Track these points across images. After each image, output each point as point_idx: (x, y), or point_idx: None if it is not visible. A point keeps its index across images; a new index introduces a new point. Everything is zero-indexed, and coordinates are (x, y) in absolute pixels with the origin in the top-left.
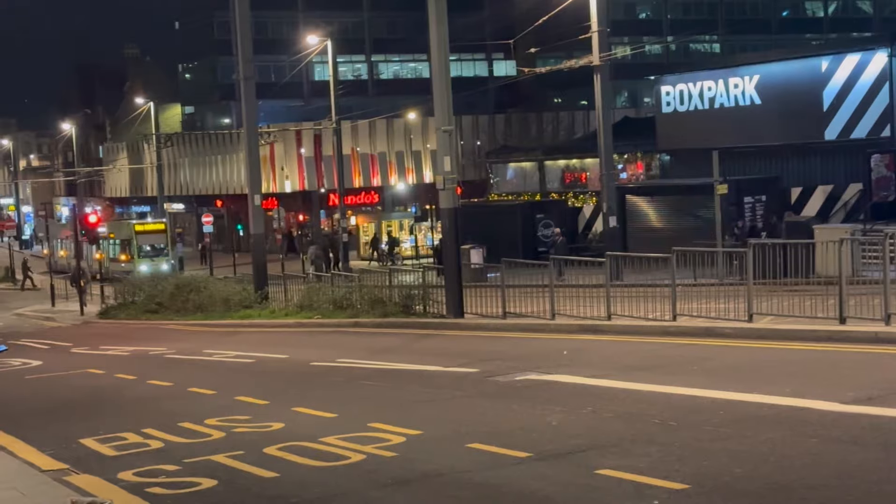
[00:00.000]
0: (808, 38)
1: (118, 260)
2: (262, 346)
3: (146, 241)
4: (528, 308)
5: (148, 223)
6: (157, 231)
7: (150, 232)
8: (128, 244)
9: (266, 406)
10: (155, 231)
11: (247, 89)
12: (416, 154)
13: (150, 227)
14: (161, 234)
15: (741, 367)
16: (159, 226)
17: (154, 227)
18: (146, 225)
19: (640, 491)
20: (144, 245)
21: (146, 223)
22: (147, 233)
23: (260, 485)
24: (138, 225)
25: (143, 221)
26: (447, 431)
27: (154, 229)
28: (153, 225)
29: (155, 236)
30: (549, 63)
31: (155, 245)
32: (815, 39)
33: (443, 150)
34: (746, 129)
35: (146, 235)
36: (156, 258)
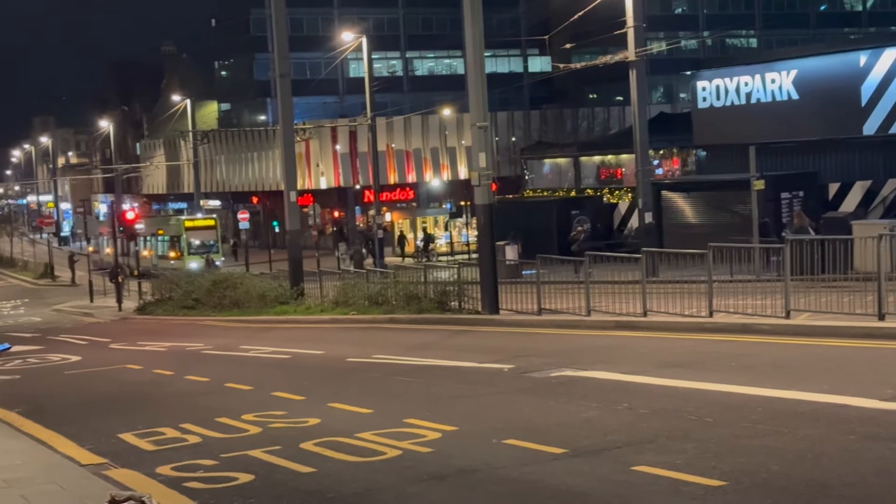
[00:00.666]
0: (846, 32)
1: (167, 257)
2: (298, 341)
3: (196, 238)
4: (563, 304)
5: (198, 219)
6: (208, 227)
7: (200, 228)
8: (177, 241)
9: (302, 402)
10: (205, 227)
11: (282, 86)
12: (450, 150)
13: (200, 223)
14: (211, 230)
15: (778, 364)
16: (209, 222)
17: (204, 223)
18: (196, 221)
19: (676, 488)
20: (194, 241)
21: (196, 219)
22: (197, 229)
23: (296, 480)
24: (188, 221)
25: (192, 217)
26: (483, 427)
27: (204, 225)
28: (203, 221)
29: (205, 233)
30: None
31: (205, 241)
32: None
33: (478, 147)
34: (783, 124)
35: (196, 232)
36: (205, 255)
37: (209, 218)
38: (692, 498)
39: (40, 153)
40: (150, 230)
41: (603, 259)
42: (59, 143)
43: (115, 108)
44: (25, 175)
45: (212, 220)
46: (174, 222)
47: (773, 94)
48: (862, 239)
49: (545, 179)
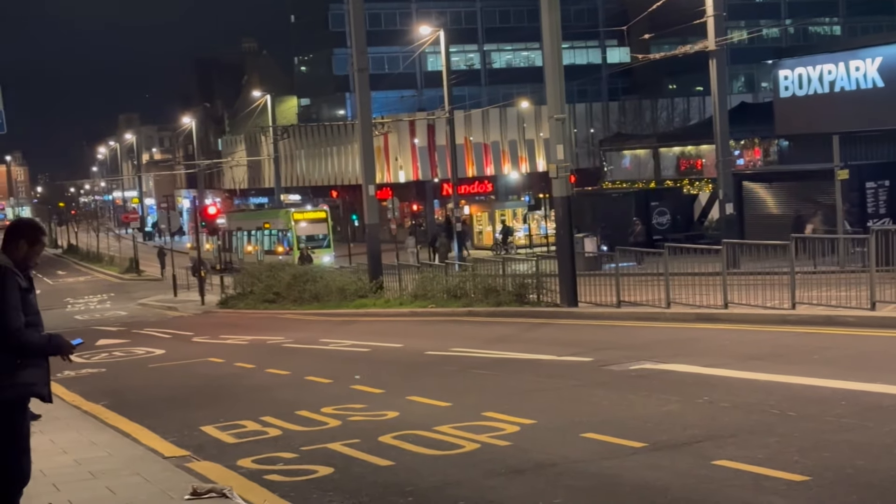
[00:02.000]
0: None
1: (274, 252)
2: (376, 335)
3: (305, 232)
4: (642, 296)
5: (307, 211)
6: (318, 220)
7: (310, 221)
8: (284, 235)
9: (381, 395)
10: (315, 220)
11: (361, 80)
12: (528, 143)
13: (310, 215)
14: (322, 223)
15: (863, 357)
16: (320, 214)
17: (314, 215)
18: (306, 213)
19: (758, 482)
20: (303, 235)
21: (305, 211)
22: (307, 222)
23: (375, 473)
24: (297, 213)
25: (301, 209)
26: (561, 421)
27: (315, 218)
28: (313, 213)
29: (315, 225)
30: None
31: (315, 235)
32: None
33: (555, 139)
34: (868, 112)
35: (306, 225)
36: (317, 250)
37: (320, 210)
38: (774, 493)
39: (125, 150)
40: (254, 224)
41: (683, 251)
42: (143, 140)
43: (198, 104)
44: (111, 171)
45: (323, 213)
46: (283, 214)
47: (858, 82)
48: None
49: (624, 171)
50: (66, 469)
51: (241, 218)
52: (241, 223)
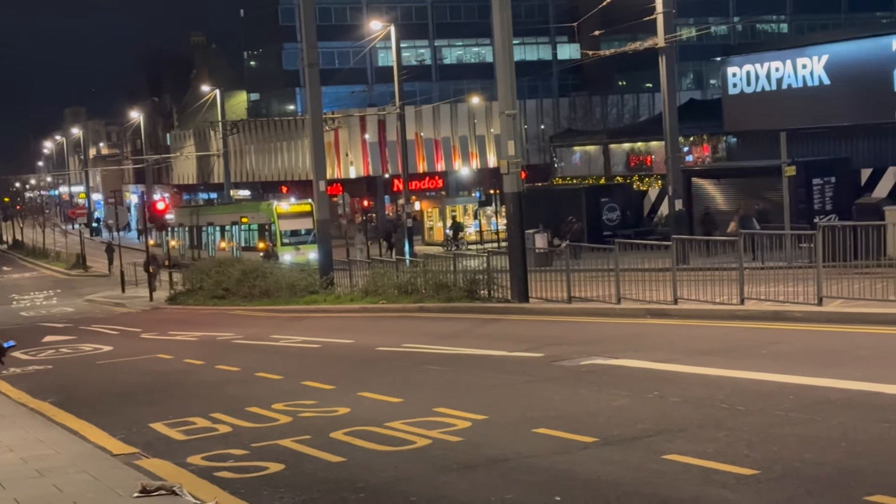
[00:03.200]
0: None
1: (255, 248)
2: (327, 331)
3: (289, 226)
4: (593, 292)
5: (292, 204)
6: (303, 213)
7: (294, 215)
8: (267, 230)
9: (332, 391)
10: (300, 213)
11: (311, 76)
12: (479, 139)
13: (295, 208)
14: (307, 216)
15: (811, 351)
16: (305, 207)
17: (299, 208)
18: (291, 206)
19: (708, 476)
20: (287, 230)
21: (290, 204)
22: (291, 216)
23: (326, 469)
24: (280, 207)
25: (285, 203)
26: (513, 416)
27: (299, 211)
28: (298, 206)
29: (300, 220)
30: (614, 45)
31: (300, 230)
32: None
33: (506, 135)
34: (815, 109)
35: (290, 219)
36: (301, 246)
37: (304, 202)
38: (723, 486)
39: (71, 144)
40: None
41: (633, 247)
42: (90, 134)
43: (146, 98)
44: (57, 166)
45: (308, 206)
46: (264, 207)
47: (805, 80)
48: (895, 225)
49: (574, 167)
50: (11, 467)
51: (213, 212)
52: (213, 217)
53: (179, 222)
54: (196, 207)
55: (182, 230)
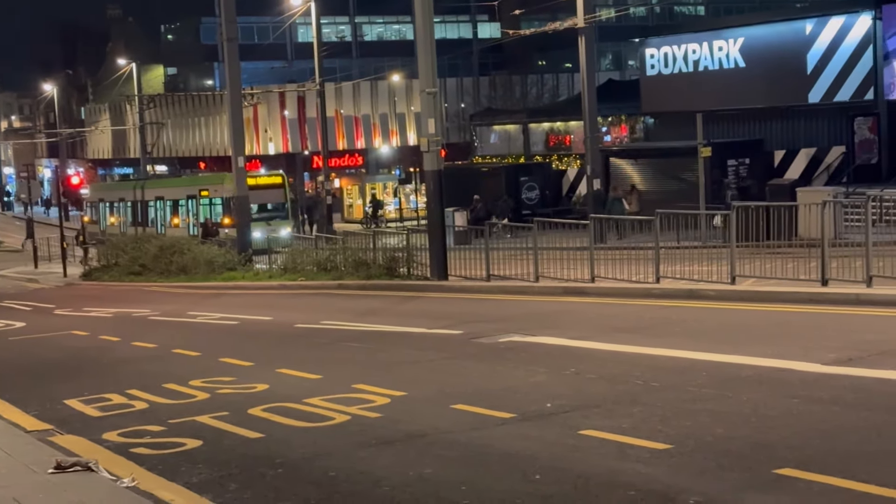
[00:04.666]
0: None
1: (220, 224)
2: (246, 308)
3: (259, 199)
4: (511, 270)
5: (261, 175)
6: (274, 186)
7: (263, 187)
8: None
9: (250, 367)
10: (270, 186)
11: (230, 50)
12: (400, 116)
13: (264, 180)
14: (278, 189)
15: (723, 329)
16: (275, 179)
17: (269, 180)
18: (258, 178)
19: (622, 451)
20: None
21: (258, 175)
22: (260, 188)
23: (245, 445)
24: (249, 178)
25: (254, 174)
26: (431, 392)
27: (269, 183)
28: (268, 178)
29: (270, 192)
30: (534, 25)
31: (270, 205)
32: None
33: (427, 113)
34: (731, 92)
35: (259, 192)
36: (272, 221)
37: (275, 174)
38: (637, 461)
39: None
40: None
41: (552, 225)
42: (2, 107)
43: (59, 71)
44: None
45: (279, 177)
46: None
47: (721, 62)
48: (806, 206)
49: (494, 146)
50: None
51: (163, 185)
52: (164, 191)
53: (100, 197)
54: (142, 180)
55: (123, 205)
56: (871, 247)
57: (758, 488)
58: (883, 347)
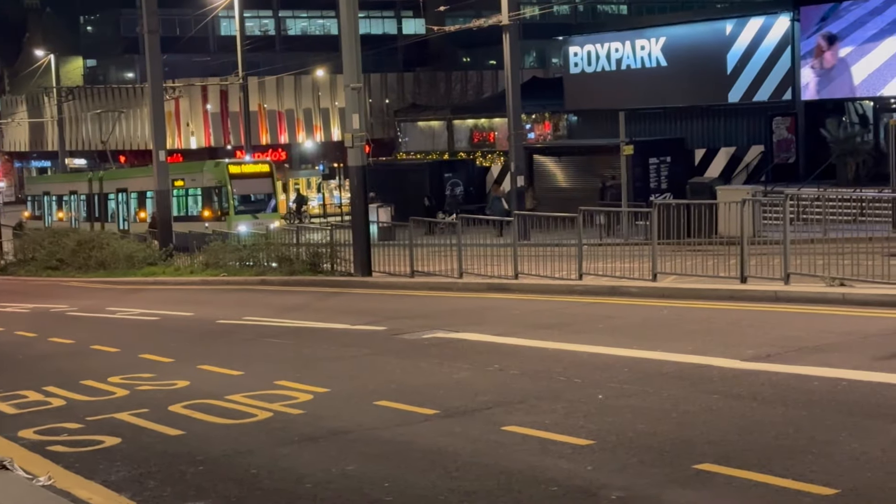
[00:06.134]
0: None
1: (201, 217)
2: (166, 303)
3: (244, 190)
4: (435, 267)
5: (247, 164)
6: (260, 175)
7: (249, 176)
8: (217, 194)
9: (171, 364)
10: (257, 174)
11: (151, 43)
12: (324, 111)
13: (250, 168)
14: (265, 178)
15: (645, 326)
16: (263, 167)
17: (255, 168)
18: (243, 166)
19: (545, 447)
20: (240, 195)
21: (243, 163)
22: (246, 177)
23: (165, 442)
24: (233, 165)
25: (239, 161)
26: (354, 389)
27: (256, 172)
28: (254, 166)
29: (257, 182)
30: (459, 22)
31: (257, 196)
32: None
33: (351, 108)
34: (653, 90)
35: (243, 181)
36: (260, 214)
37: (262, 162)
38: (560, 457)
39: None
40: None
41: (475, 222)
42: None
43: None
44: None
45: (266, 166)
46: (211, 168)
47: (643, 61)
48: (726, 204)
49: (418, 142)
50: None
51: (127, 176)
52: (127, 183)
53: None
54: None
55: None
56: (789, 245)
57: (678, 483)
58: (800, 344)
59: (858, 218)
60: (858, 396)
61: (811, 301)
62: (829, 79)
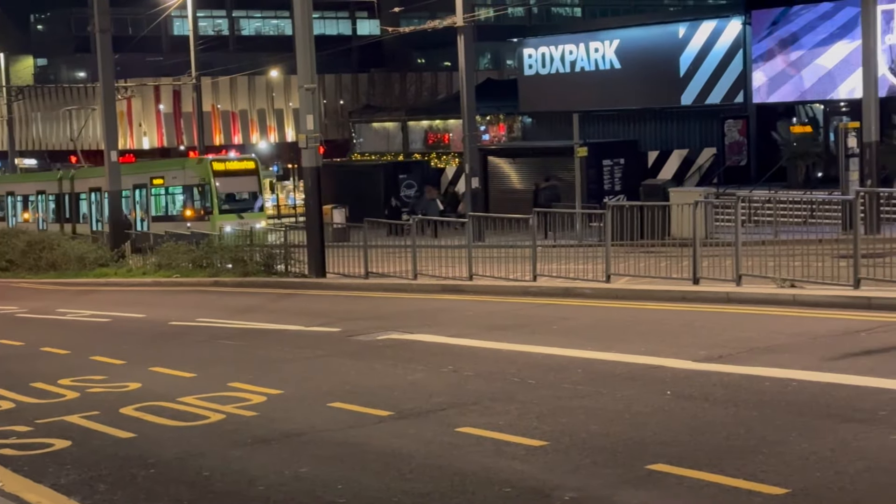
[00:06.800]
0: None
1: (182, 217)
2: (118, 305)
3: (230, 188)
4: (390, 268)
5: (231, 160)
6: (246, 172)
7: (234, 173)
8: (200, 192)
9: (122, 366)
10: (242, 172)
11: (103, 42)
12: (278, 112)
13: (234, 165)
14: (251, 176)
15: (598, 327)
16: (248, 164)
17: (241, 165)
18: (227, 163)
19: (499, 448)
20: (224, 193)
21: (227, 160)
22: (231, 174)
23: (115, 445)
24: (217, 162)
25: (223, 158)
26: (308, 391)
27: (241, 169)
28: (238, 163)
29: (242, 180)
30: (413, 23)
31: (242, 194)
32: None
33: (305, 109)
34: (606, 93)
35: (228, 179)
36: (246, 214)
37: (247, 158)
38: (514, 458)
39: None
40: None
41: (430, 223)
42: None
43: None
44: None
45: (251, 163)
46: (192, 165)
47: (597, 63)
48: (679, 206)
49: (373, 143)
50: None
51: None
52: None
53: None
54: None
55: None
56: (741, 246)
57: (631, 483)
58: (751, 345)
59: (809, 220)
60: (808, 397)
61: (762, 302)
62: (781, 82)
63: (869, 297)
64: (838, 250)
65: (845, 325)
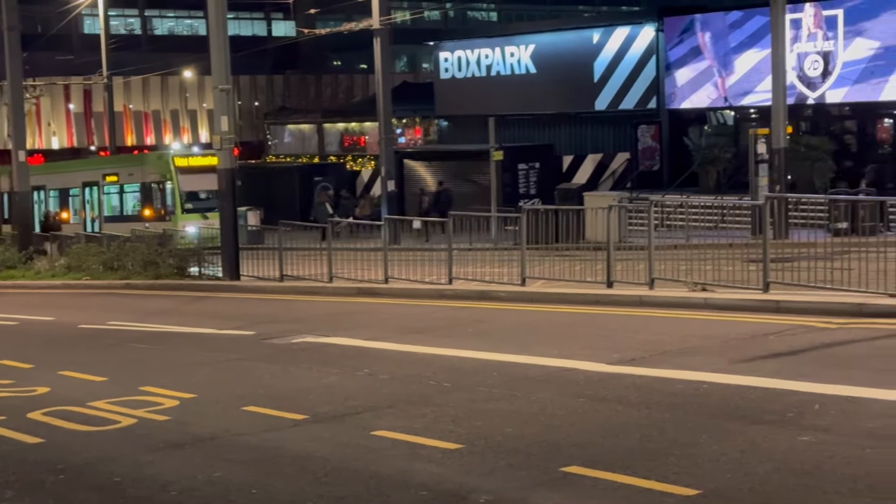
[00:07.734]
0: (581, 9)
1: (140, 217)
2: (26, 307)
3: (193, 185)
4: (305, 271)
5: (195, 156)
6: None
7: (198, 170)
8: (160, 190)
9: (30, 370)
10: (208, 168)
11: (11, 40)
12: (191, 113)
13: (198, 161)
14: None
15: (513, 330)
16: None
17: (205, 161)
18: (190, 159)
19: (414, 451)
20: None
21: (191, 156)
22: (195, 171)
23: (23, 451)
24: (180, 158)
25: (186, 153)
26: (222, 394)
27: (205, 166)
28: (202, 159)
29: (206, 178)
30: (330, 25)
31: (205, 193)
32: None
33: (220, 110)
34: (522, 97)
35: (192, 177)
36: (210, 214)
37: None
38: (429, 461)
39: None
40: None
41: (345, 226)
42: None
43: None
44: None
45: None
46: (153, 161)
47: (513, 68)
48: (593, 210)
49: (288, 145)
50: None
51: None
52: (47, 179)
53: None
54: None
55: None
56: (654, 250)
57: (546, 486)
58: (663, 347)
59: (720, 224)
60: (718, 399)
61: (675, 306)
62: (693, 88)
63: (777, 301)
64: (748, 254)
65: (755, 328)
